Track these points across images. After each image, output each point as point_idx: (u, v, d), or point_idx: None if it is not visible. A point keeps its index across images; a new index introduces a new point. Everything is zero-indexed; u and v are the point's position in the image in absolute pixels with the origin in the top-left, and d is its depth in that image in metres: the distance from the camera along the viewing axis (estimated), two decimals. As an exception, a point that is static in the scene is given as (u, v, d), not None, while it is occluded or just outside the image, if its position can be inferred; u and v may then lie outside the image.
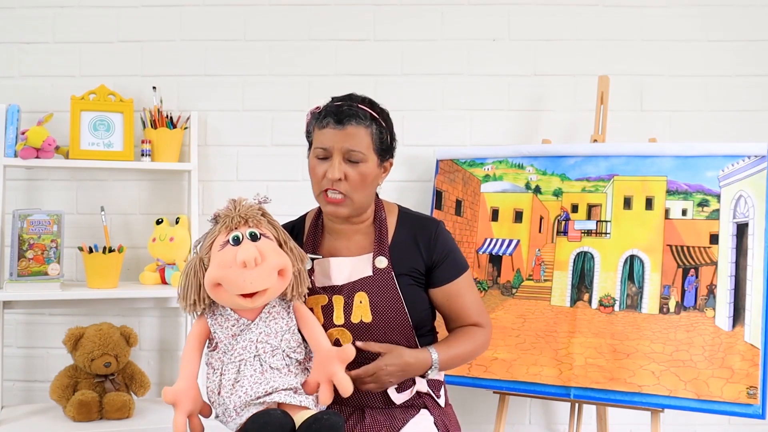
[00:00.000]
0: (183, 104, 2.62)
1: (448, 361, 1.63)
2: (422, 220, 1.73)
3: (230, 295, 1.48)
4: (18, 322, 2.59)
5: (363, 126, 1.59)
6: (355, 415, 1.60)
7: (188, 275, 1.54)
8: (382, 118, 1.65)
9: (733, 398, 1.98)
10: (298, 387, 1.51)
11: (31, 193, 2.60)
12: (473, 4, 2.66)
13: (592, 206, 2.26)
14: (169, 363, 2.65)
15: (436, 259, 1.67)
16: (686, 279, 2.11)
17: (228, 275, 1.47)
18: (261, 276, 1.47)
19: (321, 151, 1.60)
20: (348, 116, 1.58)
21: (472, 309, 1.69)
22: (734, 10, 2.64)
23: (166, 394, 1.51)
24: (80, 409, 2.22)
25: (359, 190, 1.61)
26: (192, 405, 1.52)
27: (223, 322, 1.55)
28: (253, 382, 1.49)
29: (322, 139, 1.60)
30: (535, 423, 2.66)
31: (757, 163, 2.09)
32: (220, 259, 1.49)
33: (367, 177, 1.60)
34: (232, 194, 2.57)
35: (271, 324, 1.55)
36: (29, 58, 2.60)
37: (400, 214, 1.73)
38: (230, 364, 1.52)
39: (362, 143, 1.59)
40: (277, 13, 2.64)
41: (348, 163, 1.59)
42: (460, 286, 1.68)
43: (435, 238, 1.67)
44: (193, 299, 1.53)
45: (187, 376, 1.54)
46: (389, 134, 1.66)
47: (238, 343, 1.52)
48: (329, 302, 1.63)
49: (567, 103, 2.65)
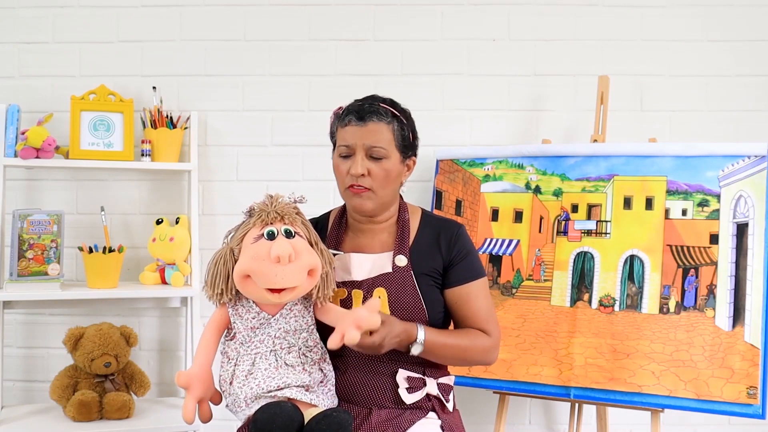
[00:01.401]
0: (183, 104, 2.62)
1: (434, 346, 1.59)
2: (445, 221, 1.75)
3: (258, 288, 1.49)
4: (18, 322, 2.59)
5: (384, 122, 1.63)
6: (362, 415, 1.60)
7: (217, 264, 1.55)
8: (403, 116, 1.68)
9: (733, 398, 1.98)
10: (310, 385, 1.52)
11: (31, 193, 2.60)
12: (473, 4, 2.66)
13: (592, 206, 2.26)
14: (169, 363, 2.65)
15: (453, 257, 1.68)
16: (686, 279, 2.11)
17: (260, 268, 1.47)
18: (293, 273, 1.48)
19: (344, 148, 1.63)
20: (369, 113, 1.62)
21: (480, 315, 1.67)
22: (734, 10, 2.64)
23: (179, 377, 1.52)
24: (80, 409, 2.22)
25: (383, 185, 1.63)
26: (203, 391, 1.54)
27: (244, 314, 1.55)
28: (266, 375, 1.50)
29: (344, 136, 1.63)
30: (535, 423, 2.66)
31: (757, 163, 2.10)
32: (254, 251, 1.49)
33: (390, 173, 1.63)
34: (232, 194, 2.64)
35: (290, 321, 1.56)
36: (29, 58, 2.60)
37: (423, 216, 1.75)
38: (246, 356, 1.53)
39: (384, 139, 1.62)
40: (277, 13, 2.65)
41: (371, 160, 1.62)
42: (473, 290, 1.68)
43: (456, 238, 1.69)
44: (221, 288, 1.53)
45: (201, 362, 1.55)
46: (411, 132, 1.70)
47: (256, 336, 1.54)
48: (348, 296, 1.65)
49: (567, 103, 2.65)
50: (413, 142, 1.72)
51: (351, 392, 1.63)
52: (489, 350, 1.67)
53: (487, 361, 1.69)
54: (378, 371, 1.63)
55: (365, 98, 1.70)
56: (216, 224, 2.62)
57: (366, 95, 1.72)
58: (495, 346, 1.68)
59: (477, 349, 1.65)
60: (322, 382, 1.57)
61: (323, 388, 1.57)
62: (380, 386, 1.62)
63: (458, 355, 1.64)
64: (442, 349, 1.61)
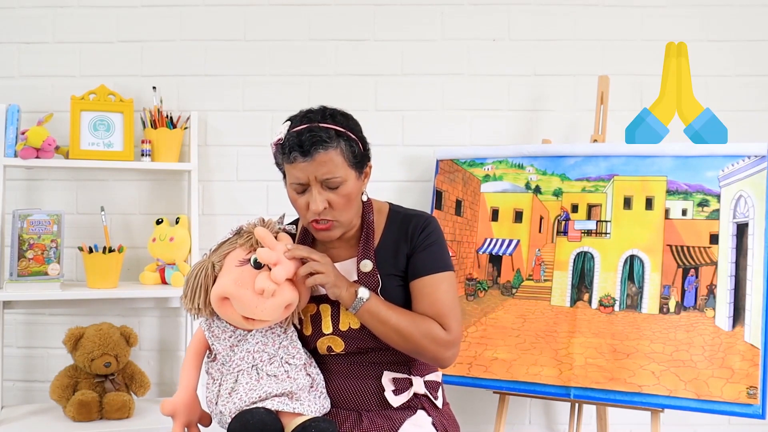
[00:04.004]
0: (183, 104, 2.62)
1: (375, 312, 1.52)
2: (415, 212, 1.68)
3: (234, 312, 1.48)
4: (18, 322, 2.59)
5: (331, 149, 1.50)
6: (352, 418, 1.59)
7: (197, 276, 1.53)
8: (348, 128, 1.55)
9: (733, 398, 1.98)
10: (295, 392, 1.51)
11: (31, 193, 2.60)
12: (473, 4, 2.66)
13: (592, 206, 2.26)
14: (169, 363, 2.65)
15: (417, 244, 1.60)
16: (686, 279, 2.11)
17: (241, 295, 1.46)
18: (272, 308, 1.48)
19: (298, 186, 1.54)
20: (313, 144, 1.48)
21: (440, 308, 1.56)
22: (734, 10, 2.64)
23: (164, 406, 1.53)
24: (80, 409, 2.22)
25: (346, 211, 1.56)
26: (189, 416, 1.55)
27: (219, 334, 1.55)
28: (248, 389, 1.50)
29: (294, 173, 1.53)
30: (535, 423, 2.66)
31: (757, 163, 2.10)
32: (238, 275, 1.48)
33: (351, 195, 1.55)
34: (232, 194, 2.64)
35: (267, 334, 1.56)
36: (29, 58, 2.60)
37: (391, 212, 1.69)
38: (228, 375, 1.53)
39: (336, 167, 1.51)
40: (277, 13, 2.65)
41: (328, 190, 1.52)
42: (438, 282, 1.58)
43: (423, 226, 1.62)
44: (198, 305, 1.52)
45: (185, 388, 1.56)
46: (360, 142, 1.56)
47: (236, 354, 1.53)
48: (317, 311, 1.62)
49: (567, 103, 2.65)
50: (365, 152, 1.59)
51: (338, 398, 1.61)
52: (442, 343, 1.55)
53: (440, 356, 1.57)
54: (363, 375, 1.61)
55: (302, 121, 1.54)
56: (216, 224, 2.62)
57: (302, 113, 1.57)
58: (451, 343, 1.57)
59: (423, 334, 1.54)
60: (312, 387, 1.56)
61: (314, 393, 1.56)
62: (366, 390, 1.60)
63: (397, 332, 1.53)
64: (381, 319, 1.53)
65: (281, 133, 1.55)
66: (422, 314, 1.57)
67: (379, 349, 1.60)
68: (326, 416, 1.56)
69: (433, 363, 1.63)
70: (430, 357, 1.58)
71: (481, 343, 2.27)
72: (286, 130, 1.55)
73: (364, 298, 1.53)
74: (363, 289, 1.54)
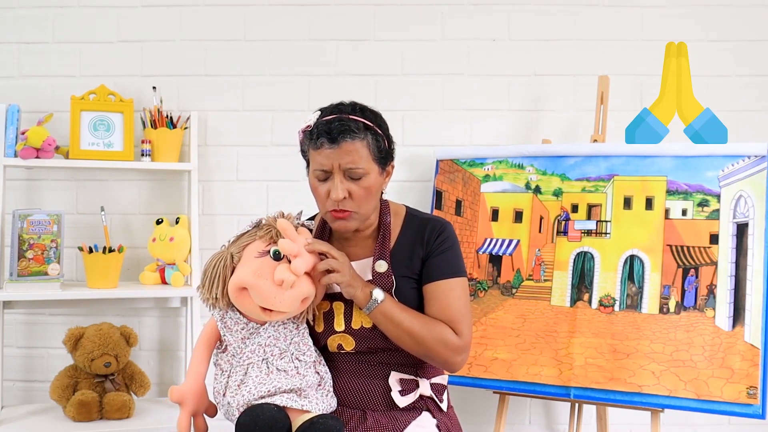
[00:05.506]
0: (183, 104, 2.62)
1: (388, 314, 1.54)
2: (432, 218, 1.71)
3: (252, 302, 1.49)
4: (18, 322, 2.59)
5: (358, 140, 1.53)
6: (357, 417, 1.59)
7: (216, 266, 1.54)
8: (376, 124, 1.58)
9: (733, 398, 1.98)
10: (303, 388, 1.52)
11: (31, 193, 2.60)
12: (473, 4, 2.66)
13: (592, 206, 2.26)
14: (169, 363, 2.65)
15: (433, 249, 1.63)
16: (686, 279, 2.11)
17: (260, 285, 1.47)
18: (290, 300, 1.48)
19: (321, 173, 1.56)
20: (341, 132, 1.52)
21: (453, 313, 1.58)
22: (734, 10, 2.64)
23: (172, 392, 1.54)
24: (80, 409, 2.22)
25: (365, 203, 1.58)
26: (197, 405, 1.56)
27: (232, 326, 1.55)
28: (257, 382, 1.50)
29: (319, 159, 1.55)
30: (535, 423, 2.66)
31: (757, 163, 2.10)
32: (257, 266, 1.49)
33: (371, 189, 1.57)
34: (232, 194, 2.64)
35: (279, 329, 1.56)
36: (29, 58, 2.60)
37: (407, 215, 1.71)
38: (238, 367, 1.53)
39: (361, 158, 1.54)
40: (277, 13, 2.65)
41: (350, 180, 1.55)
42: (451, 287, 1.61)
43: (439, 231, 1.65)
44: (216, 294, 1.53)
45: (194, 376, 1.56)
46: (386, 139, 1.60)
47: (247, 347, 1.54)
48: (330, 308, 1.63)
49: (567, 103, 2.65)
50: (390, 150, 1.62)
51: (344, 396, 1.62)
52: (453, 348, 1.57)
53: (450, 361, 1.58)
54: (370, 374, 1.62)
55: (332, 110, 1.59)
56: (216, 224, 2.62)
57: (332, 105, 1.60)
58: (462, 348, 1.58)
59: (435, 338, 1.55)
60: (320, 385, 1.57)
61: (321, 391, 1.56)
62: (373, 389, 1.61)
63: (410, 335, 1.55)
64: (394, 321, 1.54)
65: (310, 121, 1.59)
66: (434, 318, 1.59)
67: (388, 349, 1.61)
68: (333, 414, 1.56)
69: (442, 367, 1.65)
70: (441, 361, 1.60)
71: (481, 343, 2.27)
72: (315, 118, 1.59)
73: (378, 300, 1.54)
74: (378, 290, 1.55)
